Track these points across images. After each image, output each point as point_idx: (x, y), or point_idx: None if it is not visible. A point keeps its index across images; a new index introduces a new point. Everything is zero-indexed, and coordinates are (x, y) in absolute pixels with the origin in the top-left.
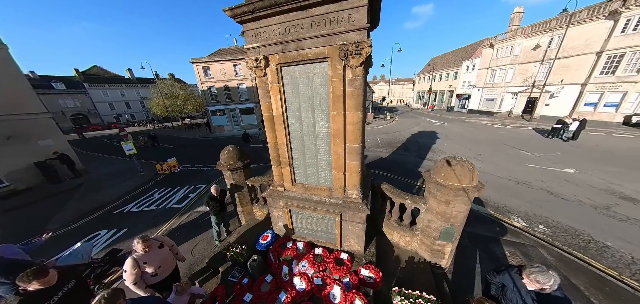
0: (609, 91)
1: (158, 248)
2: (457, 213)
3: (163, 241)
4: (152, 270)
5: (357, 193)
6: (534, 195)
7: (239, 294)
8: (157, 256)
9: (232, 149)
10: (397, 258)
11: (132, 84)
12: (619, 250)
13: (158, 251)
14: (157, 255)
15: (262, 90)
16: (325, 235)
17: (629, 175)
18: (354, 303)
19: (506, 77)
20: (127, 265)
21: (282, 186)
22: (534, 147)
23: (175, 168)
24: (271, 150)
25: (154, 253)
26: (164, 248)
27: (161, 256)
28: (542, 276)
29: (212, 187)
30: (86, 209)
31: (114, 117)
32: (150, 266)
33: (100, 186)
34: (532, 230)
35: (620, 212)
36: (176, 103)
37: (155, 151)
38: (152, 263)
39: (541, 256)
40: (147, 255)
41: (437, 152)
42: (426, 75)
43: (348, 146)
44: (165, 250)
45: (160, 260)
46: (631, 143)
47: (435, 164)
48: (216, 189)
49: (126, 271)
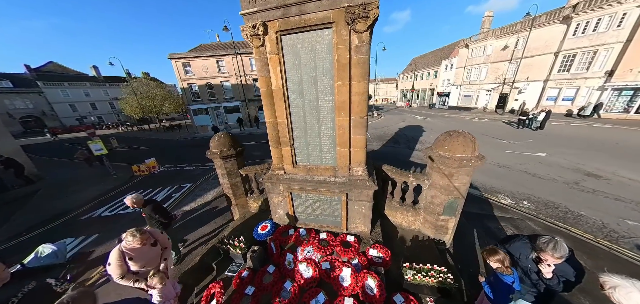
0: (566, 87)
1: (151, 245)
2: (461, 185)
3: (158, 239)
4: (136, 268)
5: (363, 170)
6: (515, 176)
7: (239, 288)
8: (146, 253)
9: (223, 136)
10: (402, 238)
11: (98, 83)
12: (591, 217)
13: (149, 249)
14: (147, 253)
15: (259, 62)
16: (330, 218)
17: (588, 155)
18: (366, 283)
19: (481, 75)
20: (112, 257)
21: (282, 170)
22: (509, 136)
23: (155, 169)
24: (270, 130)
25: (146, 250)
26: (156, 246)
27: (150, 255)
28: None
29: (127, 198)
30: (42, 218)
31: (76, 119)
32: (135, 263)
33: (61, 192)
34: (518, 206)
35: (587, 186)
36: (153, 103)
37: (128, 154)
38: (138, 261)
39: (530, 227)
40: (137, 251)
41: (424, 143)
42: (409, 74)
43: (353, 119)
44: (156, 249)
45: (148, 259)
46: (585, 131)
47: (436, 139)
48: (134, 199)
49: (111, 265)
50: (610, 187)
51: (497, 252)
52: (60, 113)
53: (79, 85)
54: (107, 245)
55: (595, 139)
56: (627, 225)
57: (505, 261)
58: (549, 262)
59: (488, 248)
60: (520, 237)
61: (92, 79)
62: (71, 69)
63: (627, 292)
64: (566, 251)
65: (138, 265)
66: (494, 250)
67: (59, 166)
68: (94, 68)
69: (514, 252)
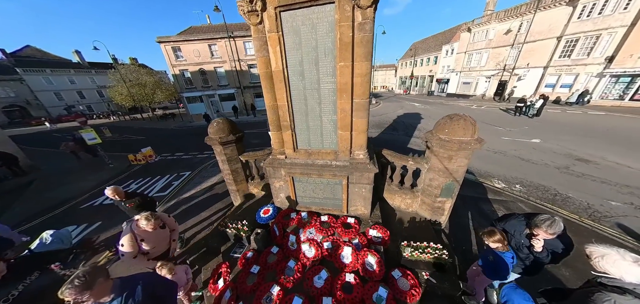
0: (565, 73)
1: (160, 227)
2: (459, 167)
3: (166, 222)
4: (147, 248)
5: (364, 154)
6: (509, 162)
7: (245, 267)
8: (156, 235)
9: (222, 121)
10: (400, 219)
11: (83, 69)
12: (578, 199)
13: (159, 232)
14: (157, 235)
15: (258, 41)
16: (331, 201)
17: (580, 141)
18: (366, 260)
19: (481, 61)
20: (125, 239)
21: (283, 154)
22: (506, 123)
23: (152, 158)
24: (270, 114)
25: (156, 232)
26: (165, 228)
27: (160, 236)
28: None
29: (108, 189)
30: (41, 207)
31: (64, 108)
32: (147, 244)
33: (58, 182)
34: (511, 189)
35: (577, 171)
36: (144, 91)
37: (122, 144)
38: (149, 242)
39: (521, 209)
40: (148, 233)
41: (422, 130)
42: (408, 60)
43: (355, 102)
44: (165, 231)
45: (158, 240)
46: (580, 118)
47: (436, 123)
48: (113, 190)
49: (124, 245)
50: (598, 171)
51: (496, 233)
52: (45, 102)
53: (63, 72)
54: (111, 231)
55: (589, 126)
56: (610, 206)
57: (505, 240)
58: (541, 237)
59: (487, 229)
60: (516, 215)
61: (76, 66)
62: (51, 54)
63: (614, 260)
64: (560, 229)
65: (149, 246)
66: (492, 231)
67: (51, 157)
68: (77, 53)
69: (509, 229)
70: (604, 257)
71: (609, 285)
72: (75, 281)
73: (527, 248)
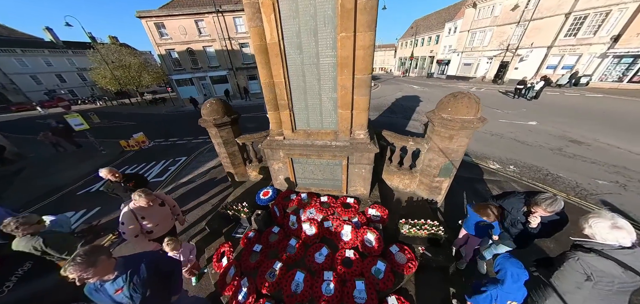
0: (569, 53)
1: (159, 205)
2: (459, 147)
3: (165, 199)
4: (150, 225)
5: (364, 134)
6: (506, 144)
7: (247, 246)
8: (156, 212)
9: (215, 102)
10: (398, 199)
11: (59, 50)
12: (567, 178)
13: (158, 209)
14: (157, 212)
15: (250, 8)
16: (330, 182)
17: (575, 123)
18: (366, 237)
19: (484, 40)
20: (124, 217)
21: (281, 135)
22: (504, 106)
23: (145, 144)
24: (266, 92)
25: (155, 209)
26: (164, 206)
27: (161, 214)
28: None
29: (103, 170)
30: (33, 195)
31: (44, 93)
32: (148, 221)
33: (49, 169)
34: (505, 170)
35: (569, 152)
36: (129, 74)
37: (111, 130)
38: (150, 219)
39: (513, 188)
40: (147, 210)
41: (421, 113)
42: (409, 39)
43: (357, 78)
44: (165, 209)
45: (159, 218)
46: (577, 100)
47: (439, 101)
48: (110, 172)
49: (124, 224)
50: (589, 152)
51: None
52: (23, 86)
53: (36, 52)
54: (111, 216)
55: (585, 108)
56: (597, 184)
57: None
58: (538, 215)
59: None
60: (515, 193)
61: (49, 45)
62: (19, 32)
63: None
64: (560, 207)
65: (151, 223)
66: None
67: (39, 144)
68: (49, 30)
69: (506, 206)
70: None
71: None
72: (78, 258)
73: (522, 224)
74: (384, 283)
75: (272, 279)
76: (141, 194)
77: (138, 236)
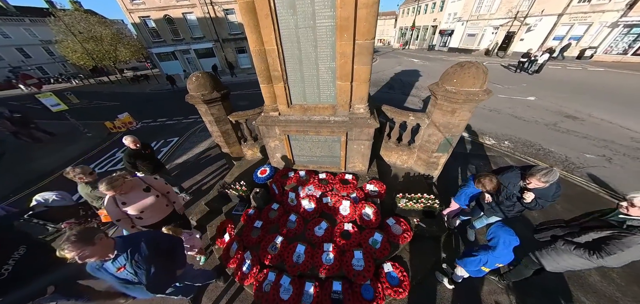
0: (579, 22)
1: (144, 190)
2: (461, 122)
3: (152, 185)
4: (134, 212)
5: (364, 108)
6: (503, 119)
7: (248, 223)
8: (137, 198)
9: (202, 75)
10: (395, 175)
11: (12, 18)
12: (558, 153)
13: (141, 194)
14: (139, 198)
15: None
16: (329, 159)
17: (573, 98)
18: (364, 211)
19: (492, 7)
20: (106, 203)
21: (276, 111)
22: (505, 81)
23: (132, 125)
24: (257, 61)
25: (135, 195)
26: (149, 192)
27: (144, 201)
28: (549, 176)
29: (127, 138)
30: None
31: (8, 70)
32: (132, 208)
33: (31, 155)
34: (500, 146)
35: (563, 127)
36: (102, 47)
37: (93, 111)
38: (132, 206)
39: (506, 163)
40: (126, 196)
41: (420, 88)
42: (411, 5)
43: (358, 43)
44: (150, 197)
45: (143, 205)
46: (579, 74)
47: (444, 72)
48: (134, 140)
49: (106, 208)
50: (582, 127)
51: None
52: None
53: None
54: None
55: (585, 82)
56: (585, 158)
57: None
58: (533, 185)
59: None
60: (513, 168)
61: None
62: None
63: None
64: (555, 178)
65: (134, 210)
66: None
67: None
68: None
69: (503, 181)
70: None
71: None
72: (72, 237)
73: (517, 198)
74: (380, 251)
75: (274, 252)
76: (102, 182)
77: (120, 221)
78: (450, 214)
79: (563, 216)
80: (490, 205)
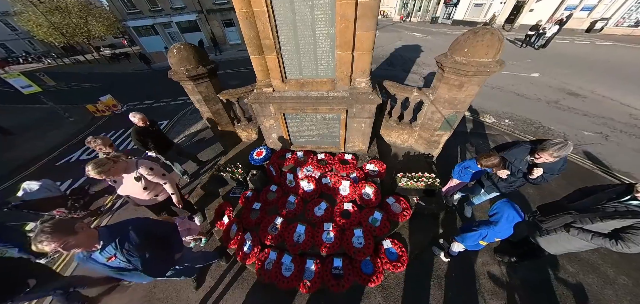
0: None
1: (135, 178)
2: (467, 97)
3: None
4: (124, 193)
5: (366, 81)
6: (505, 97)
7: (246, 205)
8: (127, 185)
9: (184, 47)
10: (395, 154)
11: None
12: (557, 131)
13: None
14: (127, 183)
15: None
16: (328, 139)
17: (577, 75)
18: (364, 190)
19: None
20: None
21: (270, 87)
22: (510, 57)
23: (117, 108)
24: (245, 28)
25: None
26: (139, 181)
27: (135, 190)
28: (563, 150)
29: (135, 116)
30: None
31: None
32: (121, 190)
33: (11, 142)
34: (500, 124)
35: (565, 104)
36: (70, 20)
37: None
38: (121, 186)
39: (505, 140)
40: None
41: (422, 65)
42: None
43: (361, 2)
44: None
45: (134, 191)
46: (585, 49)
47: (455, 40)
48: (142, 118)
49: None
50: (584, 104)
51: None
52: None
53: None
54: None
55: (591, 58)
56: (583, 135)
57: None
58: (543, 160)
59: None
60: (520, 143)
61: None
62: None
63: None
64: (568, 152)
65: (123, 191)
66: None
67: None
68: None
69: (509, 157)
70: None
71: None
72: (46, 228)
73: (523, 174)
74: (380, 229)
75: (275, 233)
76: (89, 165)
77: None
78: (449, 191)
79: (557, 192)
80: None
